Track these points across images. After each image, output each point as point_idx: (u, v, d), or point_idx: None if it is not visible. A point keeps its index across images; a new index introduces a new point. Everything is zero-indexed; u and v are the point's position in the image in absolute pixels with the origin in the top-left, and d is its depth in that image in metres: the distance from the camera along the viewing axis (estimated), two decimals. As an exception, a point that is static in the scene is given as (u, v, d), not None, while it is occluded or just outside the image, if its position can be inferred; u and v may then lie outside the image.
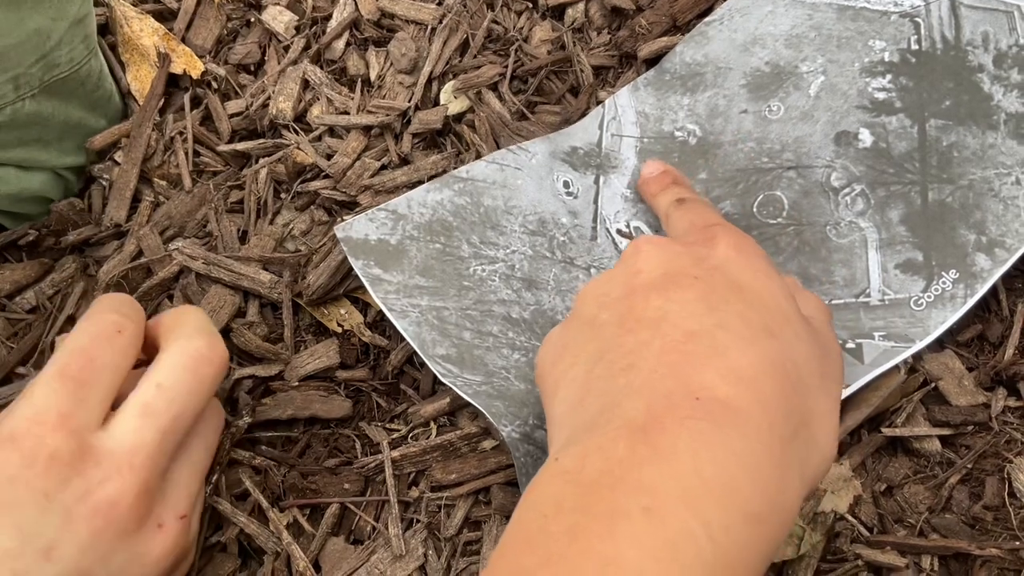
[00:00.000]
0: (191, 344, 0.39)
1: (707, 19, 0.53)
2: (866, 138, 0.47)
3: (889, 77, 0.48)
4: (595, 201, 0.50)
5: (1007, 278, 0.45)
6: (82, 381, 0.37)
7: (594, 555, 0.27)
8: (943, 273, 0.43)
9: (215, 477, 0.45)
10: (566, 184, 0.50)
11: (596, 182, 0.50)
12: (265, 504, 0.44)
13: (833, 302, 0.44)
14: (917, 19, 0.49)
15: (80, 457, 0.36)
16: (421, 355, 0.46)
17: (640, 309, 0.35)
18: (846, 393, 0.42)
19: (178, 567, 0.40)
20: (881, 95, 0.48)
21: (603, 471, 0.30)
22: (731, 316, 0.34)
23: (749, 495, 0.29)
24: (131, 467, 0.36)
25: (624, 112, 0.52)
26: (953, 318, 0.42)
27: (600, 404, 0.33)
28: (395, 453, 0.45)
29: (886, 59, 0.48)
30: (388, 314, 0.46)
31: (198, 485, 0.41)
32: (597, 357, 0.35)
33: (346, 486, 0.45)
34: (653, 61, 0.53)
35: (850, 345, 0.43)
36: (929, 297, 0.43)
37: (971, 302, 0.42)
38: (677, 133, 0.50)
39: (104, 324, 0.39)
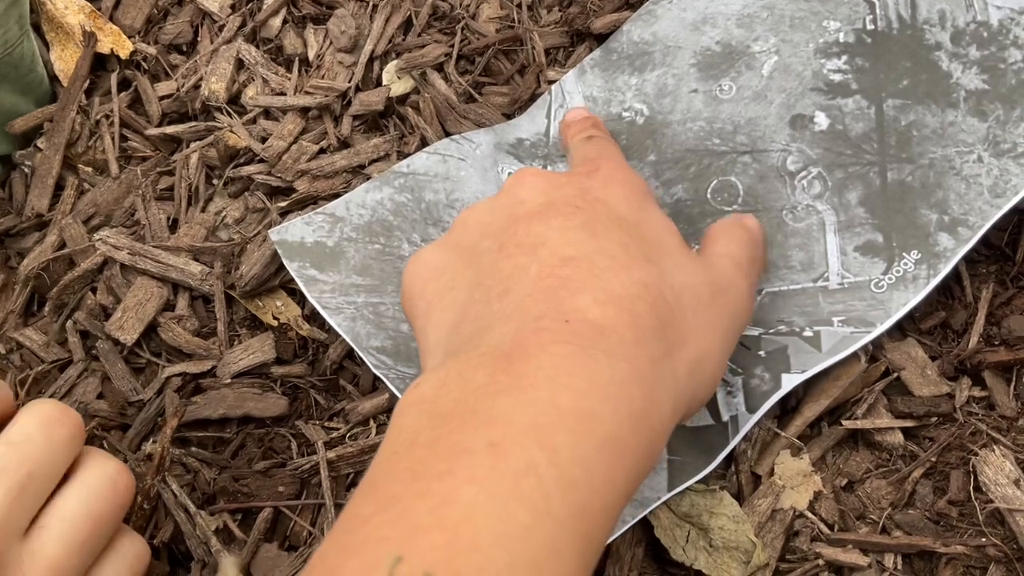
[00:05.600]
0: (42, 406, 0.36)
1: (654, -2, 0.51)
2: (822, 121, 0.45)
3: (844, 58, 0.46)
4: None
5: (971, 263, 0.43)
6: None
7: (430, 496, 0.26)
8: (904, 254, 0.42)
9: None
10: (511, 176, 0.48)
11: None
12: (193, 508, 0.42)
13: (791, 287, 0.43)
14: None
15: None
16: (355, 348, 0.43)
17: (521, 235, 0.35)
18: (801, 379, 0.40)
19: None
20: (837, 76, 0.46)
21: (458, 401, 0.29)
22: (611, 243, 0.34)
23: (608, 420, 0.29)
24: None
25: (571, 98, 0.50)
26: (915, 299, 0.41)
27: (472, 329, 0.32)
28: (331, 454, 0.42)
29: (841, 40, 0.47)
30: (322, 311, 0.44)
31: None
32: (476, 282, 0.34)
33: (280, 489, 0.42)
34: (606, 36, 0.51)
35: (807, 333, 0.41)
36: (890, 279, 0.42)
37: (934, 282, 0.41)
38: (624, 114, 0.48)
39: None
